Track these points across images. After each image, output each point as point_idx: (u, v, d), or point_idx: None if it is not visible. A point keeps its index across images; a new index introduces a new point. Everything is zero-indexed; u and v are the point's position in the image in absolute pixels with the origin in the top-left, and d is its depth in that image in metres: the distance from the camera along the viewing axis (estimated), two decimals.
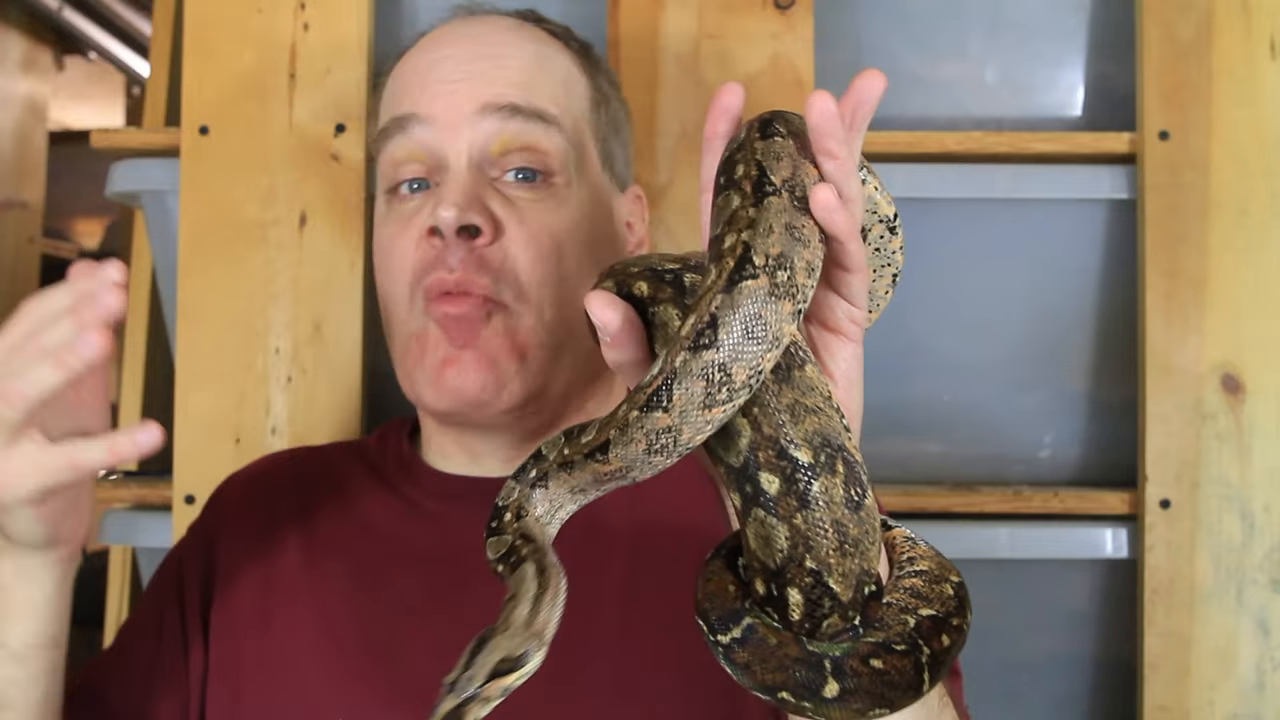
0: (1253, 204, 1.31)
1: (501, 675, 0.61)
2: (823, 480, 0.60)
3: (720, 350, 0.58)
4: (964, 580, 0.70)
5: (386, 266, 0.99)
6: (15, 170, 3.05)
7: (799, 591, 0.61)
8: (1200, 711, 1.28)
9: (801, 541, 0.60)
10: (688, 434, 0.59)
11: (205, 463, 1.27)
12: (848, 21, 1.40)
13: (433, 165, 0.97)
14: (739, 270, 0.58)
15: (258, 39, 1.32)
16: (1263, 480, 1.29)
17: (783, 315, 0.59)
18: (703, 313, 0.58)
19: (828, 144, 0.62)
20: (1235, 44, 1.32)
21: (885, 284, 0.75)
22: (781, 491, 0.60)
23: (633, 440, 0.60)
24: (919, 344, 1.40)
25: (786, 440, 0.60)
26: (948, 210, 1.36)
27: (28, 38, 3.12)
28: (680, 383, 0.58)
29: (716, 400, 0.58)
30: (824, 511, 0.60)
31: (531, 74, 0.98)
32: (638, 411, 0.60)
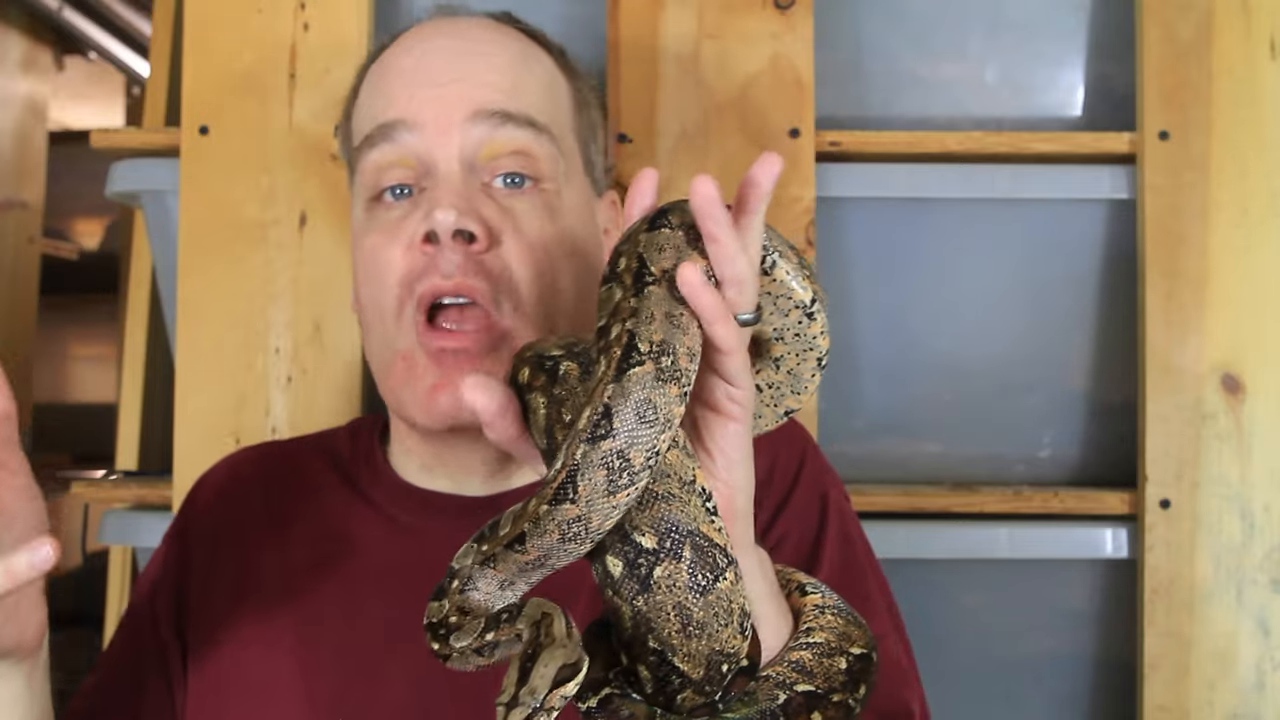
0: (1253, 204, 1.31)
1: (562, 684, 0.62)
2: (665, 566, 0.62)
3: (617, 438, 0.60)
4: (870, 653, 0.72)
5: (371, 277, 0.95)
6: (15, 170, 3.05)
7: (646, 668, 0.64)
8: (1200, 711, 1.28)
9: (643, 623, 0.63)
10: (597, 521, 0.62)
11: (205, 463, 1.27)
12: (848, 21, 1.40)
13: (420, 171, 0.94)
14: (625, 359, 0.61)
15: (258, 39, 1.32)
16: (1263, 480, 1.29)
17: (671, 398, 0.61)
18: (597, 404, 0.61)
19: (708, 226, 0.63)
20: (1235, 44, 1.32)
21: (810, 368, 0.76)
22: (624, 575, 0.63)
23: (546, 532, 0.62)
24: (919, 344, 1.40)
25: (630, 526, 0.63)
26: (948, 210, 1.36)
27: (28, 38, 3.12)
28: (583, 474, 0.61)
29: (619, 486, 0.61)
30: (665, 595, 0.63)
31: (518, 77, 0.96)
32: (547, 505, 0.62)
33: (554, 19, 1.39)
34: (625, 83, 1.31)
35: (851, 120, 1.38)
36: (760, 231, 0.67)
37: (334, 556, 0.98)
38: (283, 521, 1.01)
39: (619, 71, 1.31)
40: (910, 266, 1.39)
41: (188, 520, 1.04)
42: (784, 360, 0.75)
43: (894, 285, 1.39)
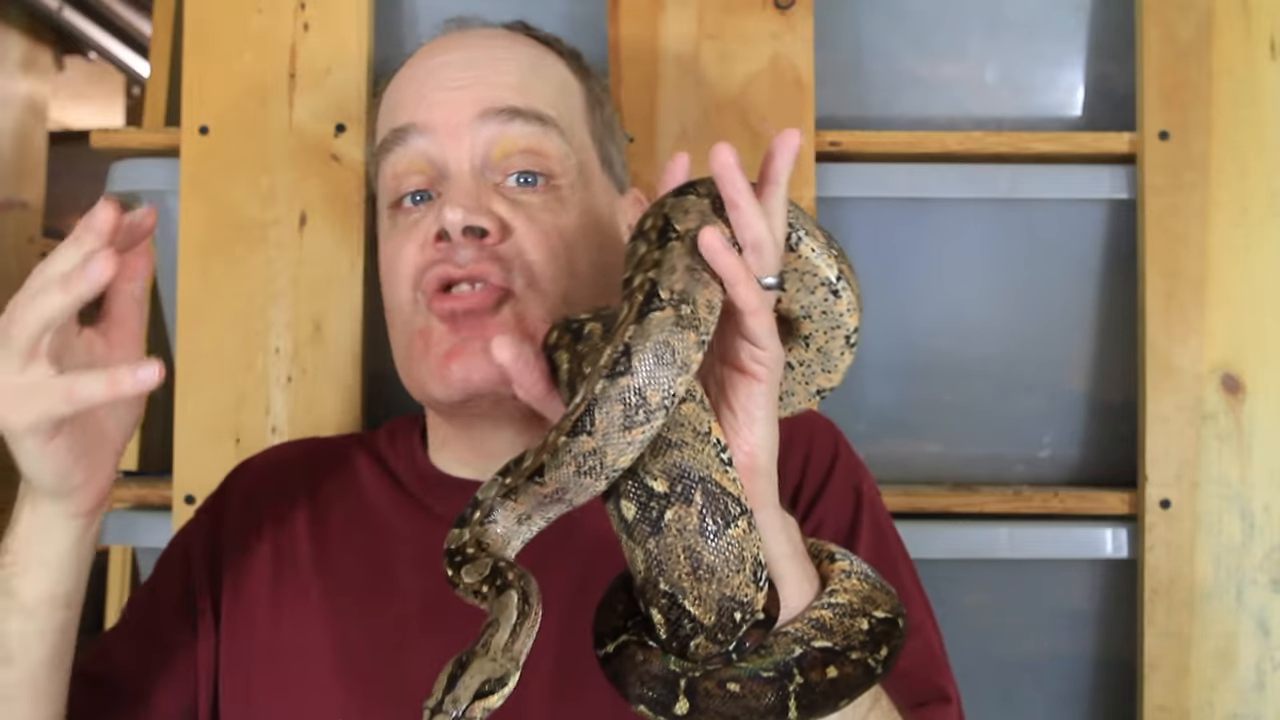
0: (1252, 204, 1.31)
1: (484, 696, 0.65)
2: (676, 509, 0.65)
3: (635, 376, 0.63)
4: (896, 618, 0.72)
5: (391, 276, 0.98)
6: (15, 170, 3.05)
7: (658, 611, 0.67)
8: (1200, 711, 1.28)
9: (655, 565, 0.65)
10: (612, 455, 0.64)
11: (205, 463, 1.27)
12: (848, 21, 1.40)
13: (435, 175, 0.96)
14: (647, 304, 0.64)
15: (258, 39, 1.32)
16: (1263, 480, 1.29)
17: (689, 344, 0.64)
18: (617, 343, 0.64)
19: (728, 191, 0.67)
20: (1235, 44, 1.32)
21: (839, 345, 0.78)
22: (637, 518, 0.65)
23: (563, 464, 0.65)
24: (919, 344, 1.40)
25: (644, 471, 0.65)
26: (948, 210, 1.36)
27: (28, 38, 3.12)
28: (600, 408, 0.63)
29: (635, 422, 0.63)
30: (675, 538, 0.65)
31: (528, 78, 0.98)
32: (565, 437, 0.64)
33: (555, 19, 1.39)
34: (625, 83, 1.31)
35: (851, 120, 1.38)
36: (783, 202, 0.70)
37: (370, 540, 1.00)
38: (323, 504, 1.03)
39: (619, 71, 1.31)
40: (910, 266, 1.39)
41: (227, 496, 1.06)
42: (813, 338, 0.77)
43: (894, 285, 1.39)
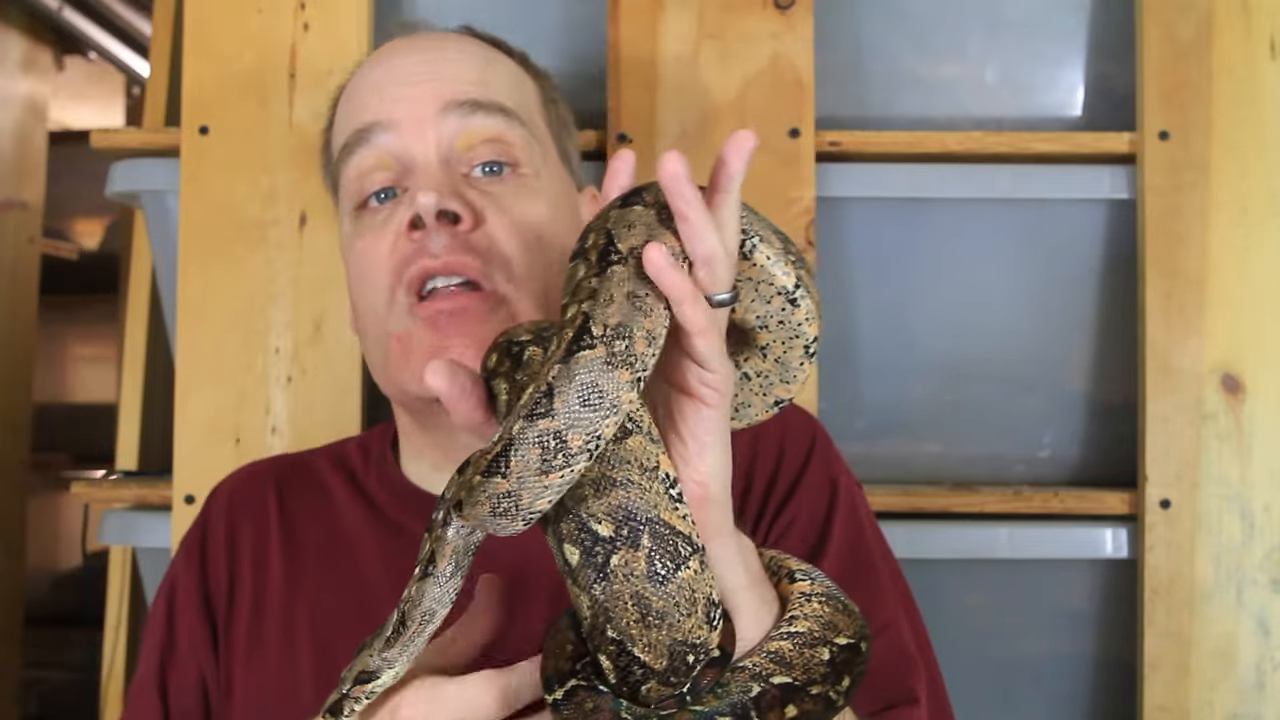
0: (1252, 204, 1.31)
1: (361, 683, 0.69)
2: (622, 554, 0.61)
3: (555, 418, 0.59)
4: (858, 643, 0.69)
5: (362, 277, 0.96)
6: (15, 170, 3.04)
7: (607, 658, 0.63)
8: (1200, 711, 1.28)
9: (601, 612, 0.62)
10: (528, 499, 0.60)
11: (205, 463, 1.27)
12: (848, 21, 1.40)
13: (400, 171, 0.95)
14: (576, 341, 0.60)
15: (258, 39, 1.32)
16: (1263, 480, 1.29)
17: (620, 383, 0.60)
18: (540, 383, 0.60)
19: (676, 204, 0.62)
20: (1235, 44, 1.32)
21: (798, 355, 0.73)
22: (581, 563, 0.62)
23: (478, 502, 0.61)
24: (919, 344, 1.40)
25: (587, 514, 0.62)
26: (948, 210, 1.36)
27: (28, 38, 3.11)
28: (516, 450, 0.59)
29: (553, 466, 0.59)
30: (622, 584, 0.62)
31: (484, 73, 0.98)
32: (480, 476, 0.61)
33: (554, 19, 1.40)
34: (625, 83, 1.31)
35: (851, 120, 1.38)
36: (735, 211, 0.66)
37: (344, 564, 0.98)
38: (295, 530, 1.01)
39: (619, 72, 1.31)
40: (910, 266, 1.39)
41: (205, 534, 1.04)
42: (770, 348, 0.73)
43: (894, 285, 1.39)
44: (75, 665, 3.22)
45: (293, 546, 1.00)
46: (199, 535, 1.04)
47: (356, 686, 0.70)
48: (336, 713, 0.71)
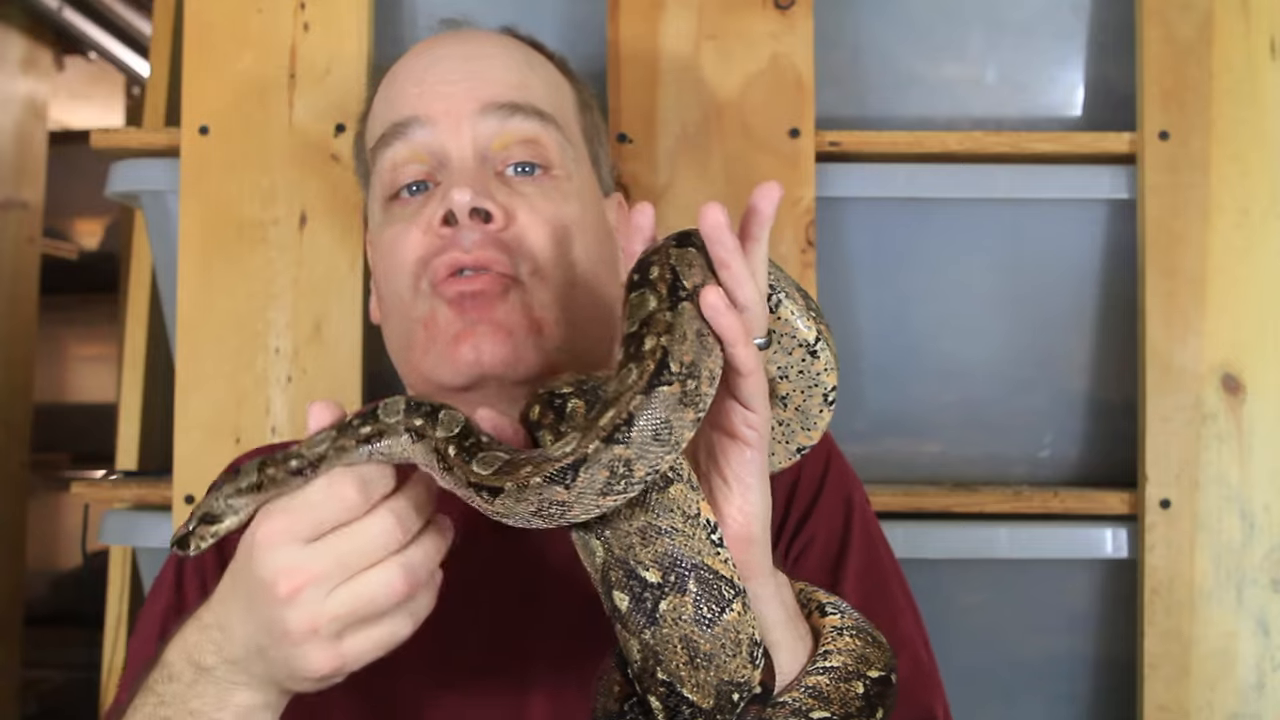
0: (1253, 204, 1.31)
1: (207, 524, 0.74)
2: (670, 599, 0.64)
3: (630, 447, 0.62)
4: (889, 674, 0.72)
5: (389, 266, 0.97)
6: (15, 170, 3.04)
7: (656, 699, 0.66)
8: (1200, 711, 1.28)
9: (651, 655, 0.65)
10: (577, 511, 0.63)
11: (205, 463, 1.27)
12: (848, 21, 1.40)
13: (434, 165, 0.96)
14: (658, 375, 0.63)
15: (258, 39, 1.32)
16: (1263, 480, 1.29)
17: (686, 422, 0.63)
18: (622, 409, 0.62)
19: (718, 252, 0.65)
20: (1235, 44, 1.32)
21: (817, 403, 0.78)
22: (631, 609, 0.65)
23: (525, 500, 0.63)
24: (919, 344, 1.40)
25: (635, 562, 0.64)
26: (948, 210, 1.36)
27: (28, 38, 3.11)
28: (588, 468, 0.62)
29: (614, 490, 0.63)
30: (671, 629, 0.64)
31: (525, 75, 0.99)
32: (541, 479, 0.63)
33: (554, 19, 1.40)
34: (625, 83, 1.31)
35: (851, 120, 1.38)
36: (764, 259, 0.69)
37: None
38: None
39: (619, 71, 1.31)
40: (910, 266, 1.39)
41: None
42: (790, 398, 0.77)
43: (894, 285, 1.39)
44: (75, 665, 3.22)
45: None
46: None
47: (202, 526, 0.74)
48: (184, 545, 0.75)
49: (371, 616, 0.71)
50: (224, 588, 0.77)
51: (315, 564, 0.70)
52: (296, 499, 0.71)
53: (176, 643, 0.79)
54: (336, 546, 0.70)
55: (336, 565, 0.70)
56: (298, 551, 0.70)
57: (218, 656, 0.76)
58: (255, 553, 0.71)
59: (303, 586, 0.70)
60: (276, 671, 0.74)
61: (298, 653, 0.71)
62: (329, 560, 0.70)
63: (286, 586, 0.70)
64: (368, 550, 0.70)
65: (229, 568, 0.76)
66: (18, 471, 3.02)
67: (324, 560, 0.70)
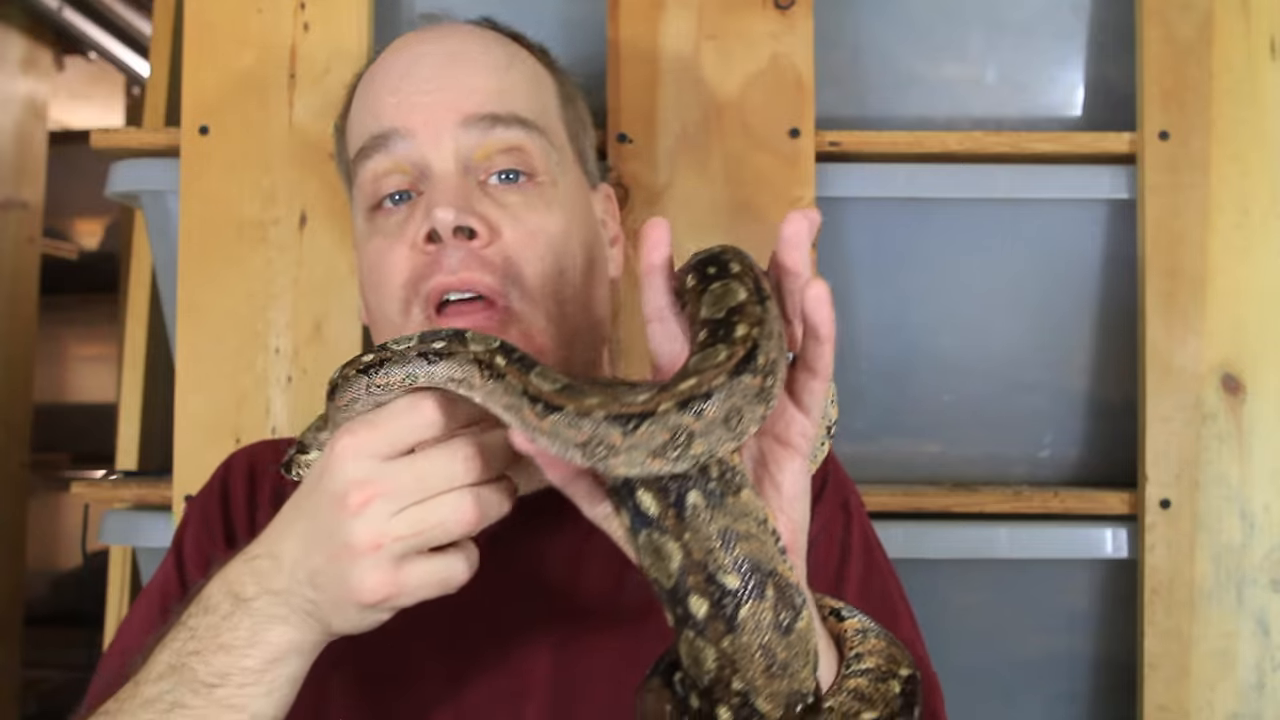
0: (1253, 204, 1.31)
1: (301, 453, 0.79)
2: (751, 606, 0.62)
3: (699, 420, 0.60)
4: (915, 672, 0.72)
5: (376, 282, 0.96)
6: (15, 170, 3.05)
7: (728, 710, 0.63)
8: (1200, 711, 1.28)
9: (728, 664, 0.62)
10: (620, 461, 0.61)
11: (205, 463, 1.27)
12: (848, 21, 1.40)
13: (416, 175, 0.95)
14: (745, 363, 0.61)
15: (258, 39, 1.32)
16: (1263, 480, 1.29)
17: (754, 417, 0.62)
18: (704, 383, 0.61)
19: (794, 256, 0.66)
20: (1235, 44, 1.32)
21: (820, 435, 0.78)
22: (709, 615, 0.62)
23: (577, 428, 0.62)
24: (919, 344, 1.40)
25: (715, 566, 0.62)
26: (948, 210, 1.36)
27: (28, 38, 3.11)
28: (652, 424, 0.60)
29: (666, 455, 0.61)
30: (751, 636, 0.62)
31: (504, 78, 0.98)
32: (604, 414, 0.61)
33: (554, 19, 1.39)
34: (625, 83, 1.31)
35: (851, 120, 1.38)
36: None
37: None
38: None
39: (619, 71, 1.31)
40: (910, 266, 1.39)
41: (226, 490, 1.04)
42: None
43: (894, 285, 1.39)
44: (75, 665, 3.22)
45: None
46: (219, 493, 1.03)
47: (298, 454, 0.80)
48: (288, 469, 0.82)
49: (435, 543, 0.70)
50: (282, 517, 0.76)
51: (390, 479, 0.69)
52: (378, 414, 0.71)
53: (218, 577, 0.77)
54: (416, 465, 0.70)
55: (413, 482, 0.69)
56: (374, 465, 0.70)
57: (260, 586, 0.74)
58: (331, 465, 0.70)
59: (373, 498, 0.69)
60: (323, 599, 0.72)
61: (355, 570, 0.69)
62: (406, 477, 0.69)
63: (358, 498, 0.69)
64: (446, 474, 0.70)
65: (291, 498, 0.76)
66: (18, 471, 3.02)
67: (400, 476, 0.69)
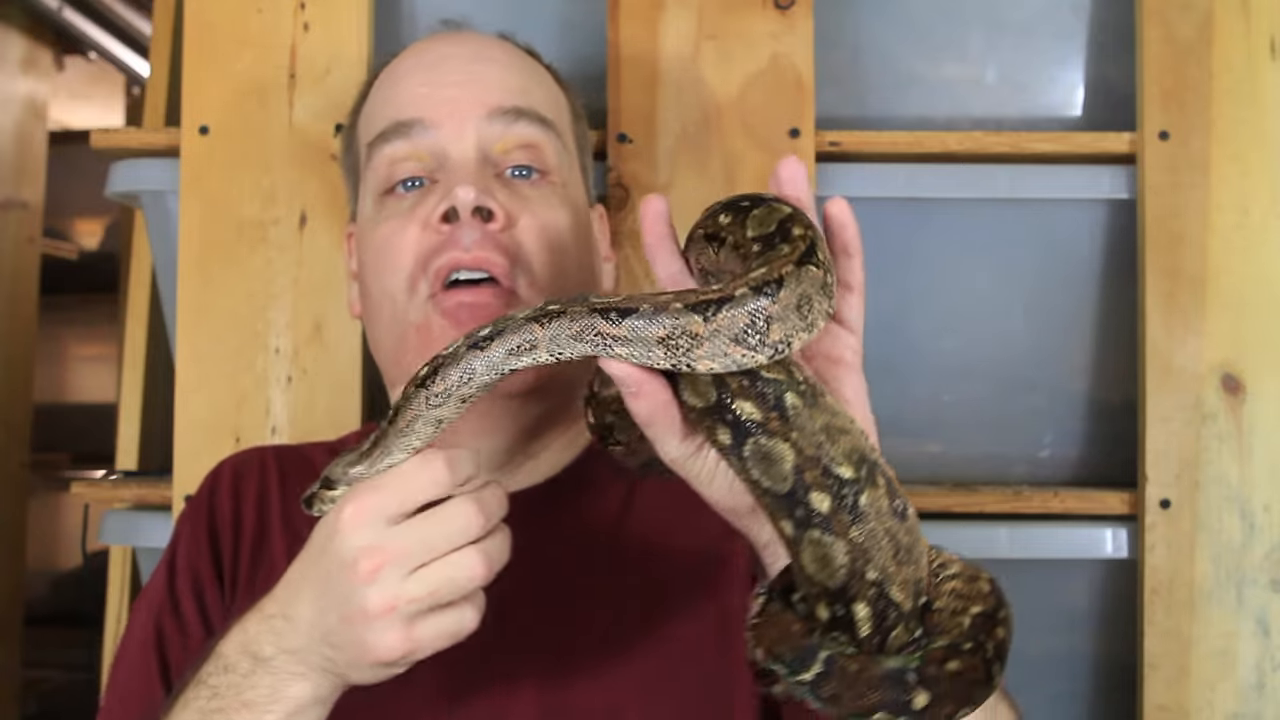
0: (1253, 204, 1.31)
1: (326, 488, 0.76)
2: (869, 493, 0.63)
3: (775, 303, 0.62)
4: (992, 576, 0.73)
5: (382, 263, 0.96)
6: (15, 170, 3.04)
7: (865, 605, 0.64)
8: (1200, 712, 1.28)
9: (860, 555, 0.63)
10: (704, 351, 0.62)
11: (205, 463, 1.27)
12: (848, 21, 1.40)
13: (433, 164, 0.96)
14: (808, 255, 0.64)
15: (258, 39, 1.32)
16: (1263, 480, 1.29)
17: (822, 309, 0.64)
18: (773, 271, 0.63)
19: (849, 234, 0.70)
20: (1235, 44, 1.32)
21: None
22: (833, 509, 0.63)
23: (658, 324, 0.62)
24: (919, 344, 1.40)
25: (829, 459, 0.63)
26: (948, 210, 1.36)
27: (28, 38, 3.11)
28: (731, 308, 0.61)
29: (747, 342, 0.62)
30: (876, 522, 0.63)
31: (527, 81, 1.00)
32: (681, 305, 0.62)
33: (554, 19, 1.40)
34: (625, 83, 1.31)
35: (851, 120, 1.38)
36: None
37: None
38: (293, 518, 1.01)
39: (619, 72, 1.31)
40: (910, 266, 1.39)
41: (212, 506, 1.04)
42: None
43: (894, 285, 1.39)
44: (75, 665, 3.22)
45: (290, 533, 1.00)
46: (206, 506, 1.04)
47: (323, 489, 0.76)
48: (309, 504, 0.77)
49: (447, 601, 0.72)
50: (293, 574, 0.77)
51: (398, 543, 0.71)
52: (386, 477, 0.72)
53: (235, 634, 0.79)
54: (421, 528, 0.71)
55: (420, 546, 0.71)
56: (382, 530, 0.71)
57: (277, 646, 0.76)
58: (339, 532, 0.72)
59: (383, 565, 0.70)
60: (340, 658, 0.74)
61: (370, 634, 0.71)
62: (413, 540, 0.71)
63: (368, 565, 0.70)
64: (451, 533, 0.71)
65: (300, 554, 0.77)
66: (18, 471, 3.02)
67: (408, 540, 0.71)
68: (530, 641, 0.92)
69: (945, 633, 0.66)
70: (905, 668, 0.64)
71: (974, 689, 0.64)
